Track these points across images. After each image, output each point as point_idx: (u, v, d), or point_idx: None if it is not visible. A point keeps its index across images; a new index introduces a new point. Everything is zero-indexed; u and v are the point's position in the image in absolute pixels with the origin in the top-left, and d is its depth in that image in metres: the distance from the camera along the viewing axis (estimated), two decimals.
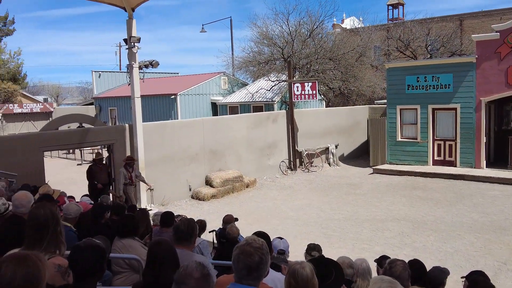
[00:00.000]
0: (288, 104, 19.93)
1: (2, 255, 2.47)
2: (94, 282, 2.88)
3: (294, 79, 20.68)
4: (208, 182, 15.49)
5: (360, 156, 21.60)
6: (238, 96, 25.80)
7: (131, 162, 12.24)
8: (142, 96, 13.96)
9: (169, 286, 2.61)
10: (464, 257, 9.01)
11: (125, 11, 12.84)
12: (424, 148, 17.86)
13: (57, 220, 3.11)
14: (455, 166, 17.07)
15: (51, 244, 3.04)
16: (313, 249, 5.24)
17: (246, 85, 27.83)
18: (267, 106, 23.47)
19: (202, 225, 7.19)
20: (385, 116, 19.18)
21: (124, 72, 34.10)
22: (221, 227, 7.92)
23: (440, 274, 4.88)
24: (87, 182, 12.68)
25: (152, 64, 13.96)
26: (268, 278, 3.34)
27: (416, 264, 4.49)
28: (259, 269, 2.57)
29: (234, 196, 15.33)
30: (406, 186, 15.56)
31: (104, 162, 13.15)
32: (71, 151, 25.24)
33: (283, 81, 22.92)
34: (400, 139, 18.48)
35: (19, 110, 33.60)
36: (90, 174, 12.35)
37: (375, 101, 26.03)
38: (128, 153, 13.51)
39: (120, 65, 45.59)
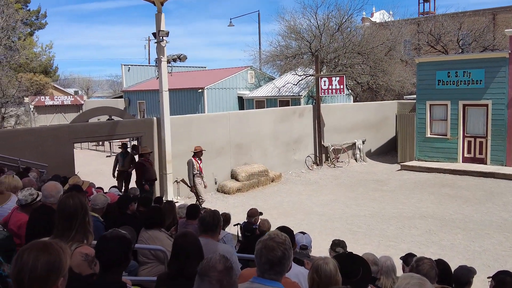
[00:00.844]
0: (315, 99, 19.80)
1: None
2: (119, 272, 2.93)
3: (322, 73, 20.53)
4: (234, 176, 15.56)
5: (387, 152, 21.32)
6: (265, 90, 25.78)
7: (200, 152, 11.99)
8: (170, 90, 14.10)
9: (193, 278, 2.65)
10: (492, 257, 8.82)
11: (154, 5, 12.97)
12: (453, 145, 17.50)
13: (86, 210, 3.17)
14: (486, 164, 16.68)
15: (79, 233, 3.10)
16: (337, 245, 5.21)
17: (273, 79, 27.77)
18: (294, 101, 23.37)
19: (226, 218, 7.24)
20: (414, 111, 18.86)
21: (152, 66, 34.45)
22: (246, 220, 7.96)
23: (467, 273, 4.79)
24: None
25: (180, 58, 14.07)
26: (291, 273, 3.35)
27: (440, 265, 4.40)
28: (282, 264, 2.58)
29: (259, 190, 15.37)
30: (435, 184, 15.30)
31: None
32: (100, 143, 25.74)
33: (310, 75, 22.77)
34: (429, 135, 18.15)
35: (51, 102, 34.37)
36: (142, 170, 11.73)
37: (404, 97, 25.59)
38: (156, 146, 13.70)
39: (149, 58, 46.15)
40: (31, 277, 1.93)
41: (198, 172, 11.93)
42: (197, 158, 11.94)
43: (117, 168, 13.45)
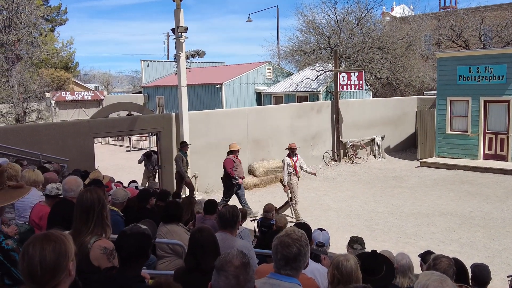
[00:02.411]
0: (333, 94, 19.69)
1: None
2: (139, 266, 2.97)
3: (340, 68, 20.39)
4: (251, 171, 15.60)
5: (407, 149, 21.11)
6: (283, 86, 25.73)
7: (294, 149, 11.39)
8: (188, 85, 14.19)
9: (209, 272, 2.67)
10: None
11: (173, 1, 13.03)
12: (474, 142, 17.23)
13: (103, 204, 3.22)
14: (507, 161, 16.39)
15: (97, 227, 3.16)
16: (355, 242, 5.19)
17: (291, 74, 27.70)
18: (312, 96, 23.28)
19: (243, 213, 7.27)
20: (435, 107, 18.61)
21: (171, 61, 34.69)
22: (262, 216, 7.98)
23: (487, 273, 4.73)
24: (135, 168, 13.01)
25: (199, 53, 14.11)
26: (308, 269, 3.35)
27: (456, 264, 4.34)
28: (297, 260, 2.59)
29: (276, 186, 15.35)
30: (455, 181, 15.10)
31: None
32: (120, 138, 26.03)
33: (328, 70, 22.65)
34: (449, 132, 17.90)
35: (71, 98, 34.82)
36: (231, 167, 11.35)
37: (424, 92, 25.27)
38: (174, 141, 13.81)
39: (168, 54, 46.45)
40: (42, 267, 1.97)
41: (293, 172, 11.24)
42: (292, 157, 11.31)
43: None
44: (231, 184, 11.56)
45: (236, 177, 11.40)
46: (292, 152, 11.43)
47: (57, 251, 2.00)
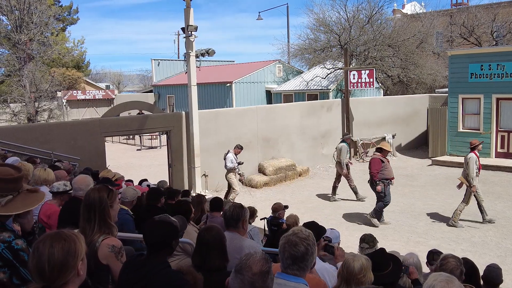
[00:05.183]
0: (344, 93, 19.60)
1: None
2: (163, 255, 2.97)
3: (351, 66, 20.29)
4: (261, 170, 15.59)
5: (418, 147, 20.94)
6: (293, 84, 25.67)
7: (478, 145, 10.42)
8: (198, 84, 14.21)
9: (214, 272, 2.69)
10: None
11: (183, 0, 13.05)
12: (486, 140, 17.01)
13: (105, 204, 3.24)
14: None
15: (102, 226, 3.18)
16: (362, 241, 5.18)
17: (301, 73, 27.62)
18: (322, 94, 23.20)
19: (251, 212, 7.27)
20: (446, 105, 18.45)
21: (182, 60, 34.79)
22: (272, 215, 7.97)
23: (499, 275, 4.69)
24: (146, 167, 13.09)
25: (208, 52, 14.13)
26: (316, 268, 3.35)
27: (467, 264, 4.30)
28: (304, 260, 2.57)
29: (286, 184, 15.35)
30: None
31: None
32: (131, 136, 26.18)
33: (339, 68, 22.55)
34: (461, 130, 17.73)
35: (83, 97, 35.09)
36: (378, 167, 10.37)
37: (436, 90, 25.07)
38: (184, 140, 13.85)
39: (178, 53, 46.54)
40: (50, 265, 1.99)
41: (478, 171, 10.27)
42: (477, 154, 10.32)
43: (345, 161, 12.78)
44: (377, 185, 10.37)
45: (377, 181, 10.27)
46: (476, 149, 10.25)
47: (65, 250, 2.03)
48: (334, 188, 13.20)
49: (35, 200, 2.92)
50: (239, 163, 12.70)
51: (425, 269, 5.30)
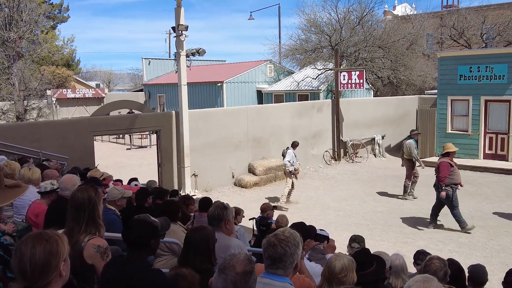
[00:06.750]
0: (334, 93, 19.67)
1: None
2: (143, 255, 2.98)
3: (341, 67, 20.37)
4: (251, 170, 15.60)
5: None
6: (284, 85, 25.71)
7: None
8: (189, 84, 14.19)
9: (200, 272, 2.69)
10: (511, 255, 8.67)
11: None
12: (475, 141, 17.21)
13: (94, 204, 3.24)
14: (507, 161, 16.38)
15: (89, 226, 3.17)
16: (353, 241, 5.22)
17: (292, 73, 27.68)
18: (313, 95, 23.26)
19: (236, 212, 7.26)
20: (435, 107, 18.60)
21: (173, 59, 34.63)
22: (260, 215, 7.99)
23: (483, 274, 4.73)
24: (136, 166, 12.96)
25: (199, 52, 14.10)
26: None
27: (453, 265, 4.34)
28: (283, 261, 2.59)
29: (276, 184, 15.37)
30: None
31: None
32: (120, 136, 26.06)
33: (329, 69, 22.61)
34: (450, 131, 17.88)
35: (72, 95, 34.86)
36: (446, 172, 9.85)
37: (425, 91, 25.24)
38: (174, 140, 13.81)
39: (169, 52, 46.42)
40: (32, 265, 1.99)
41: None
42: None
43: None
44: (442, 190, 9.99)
45: (444, 187, 9.91)
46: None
47: (47, 250, 2.02)
48: (411, 184, 13.18)
49: (15, 193, 2.92)
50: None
51: (413, 269, 5.34)
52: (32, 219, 4.74)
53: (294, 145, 13.08)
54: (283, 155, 12.98)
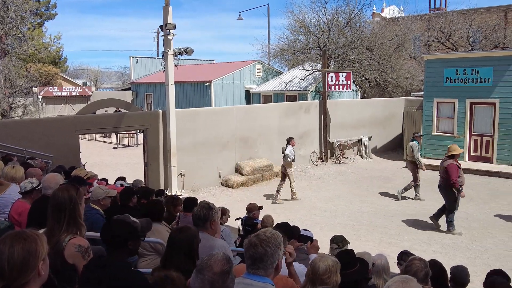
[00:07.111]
0: (322, 94, 19.75)
1: None
2: (122, 255, 2.97)
3: (329, 68, 20.45)
4: (238, 170, 15.59)
5: (394, 149, 21.22)
6: (272, 85, 25.75)
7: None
8: (177, 83, 14.14)
9: (183, 273, 2.68)
10: (493, 256, 8.78)
11: None
12: (460, 143, 17.32)
13: (75, 204, 3.21)
14: (492, 163, 16.58)
15: (71, 225, 3.15)
16: (332, 241, 5.24)
17: (281, 73, 27.74)
18: (301, 96, 23.33)
19: (222, 212, 7.26)
20: (422, 109, 18.76)
21: (160, 58, 34.48)
22: (246, 215, 8.00)
23: (465, 275, 4.79)
24: (122, 165, 12.83)
25: (187, 51, 14.05)
26: (285, 269, 3.37)
27: (435, 266, 4.37)
28: (263, 261, 2.60)
29: (263, 185, 15.39)
30: None
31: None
32: (107, 134, 25.89)
33: (317, 70, 22.71)
34: (436, 133, 18.05)
35: (59, 93, 34.54)
36: (455, 174, 9.87)
37: (412, 93, 25.46)
38: (161, 139, 13.75)
39: (157, 51, 46.12)
40: (10, 264, 1.98)
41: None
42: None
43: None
44: (452, 193, 10.06)
45: (460, 188, 9.98)
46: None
47: (26, 250, 2.01)
48: (415, 188, 13.25)
49: None
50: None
51: (397, 270, 5.38)
52: (15, 217, 4.69)
53: (290, 140, 13.34)
54: (283, 152, 13.17)
